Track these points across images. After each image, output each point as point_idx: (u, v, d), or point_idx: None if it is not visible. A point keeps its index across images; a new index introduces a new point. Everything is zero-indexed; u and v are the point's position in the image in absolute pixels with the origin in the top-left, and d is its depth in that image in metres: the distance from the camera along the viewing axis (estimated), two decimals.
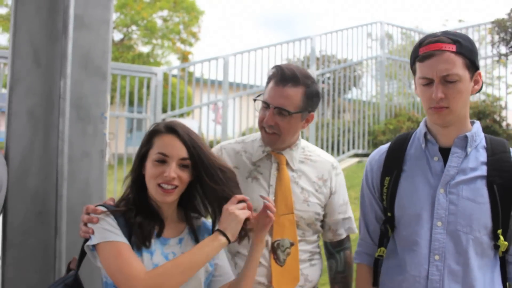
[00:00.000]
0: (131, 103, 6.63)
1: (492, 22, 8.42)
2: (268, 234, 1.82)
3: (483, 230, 1.57)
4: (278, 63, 8.07)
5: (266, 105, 1.84)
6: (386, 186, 1.71)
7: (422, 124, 1.73)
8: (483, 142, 1.65)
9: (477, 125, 1.68)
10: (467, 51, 1.56)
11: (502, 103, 8.65)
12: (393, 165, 1.72)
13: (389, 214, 1.72)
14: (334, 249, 2.01)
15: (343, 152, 8.18)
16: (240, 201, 1.56)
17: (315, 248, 1.97)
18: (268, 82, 1.87)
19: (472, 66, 1.58)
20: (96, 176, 2.03)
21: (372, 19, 11.77)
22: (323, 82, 8.95)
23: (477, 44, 10.06)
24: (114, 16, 15.58)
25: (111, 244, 1.45)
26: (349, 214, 2.01)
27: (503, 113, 8.32)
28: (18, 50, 1.93)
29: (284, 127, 1.82)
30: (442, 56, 1.54)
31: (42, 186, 1.94)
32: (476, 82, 1.62)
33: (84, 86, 2.03)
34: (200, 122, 7.05)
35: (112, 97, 10.16)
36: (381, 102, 8.99)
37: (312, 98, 1.85)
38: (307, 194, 1.89)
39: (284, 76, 1.81)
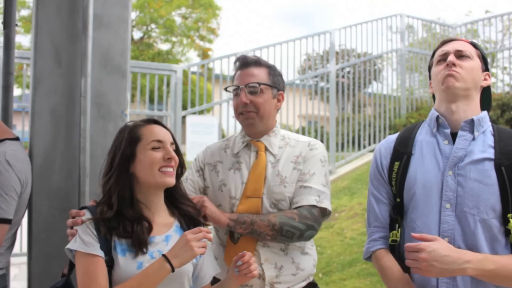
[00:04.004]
0: (151, 100, 6.69)
1: None
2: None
3: (491, 213, 1.56)
4: (298, 58, 7.96)
5: (236, 89, 1.94)
6: (395, 171, 1.73)
7: (432, 111, 1.77)
8: (490, 129, 1.69)
9: (485, 113, 1.72)
10: (480, 49, 1.77)
11: None
12: (403, 149, 1.74)
13: (398, 200, 1.71)
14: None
15: (364, 147, 8.11)
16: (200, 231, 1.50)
17: None
18: (234, 73, 2.00)
19: (484, 62, 1.75)
20: None
21: (392, 12, 11.58)
22: (343, 76, 8.88)
23: (500, 35, 9.85)
24: (133, 15, 15.74)
25: (85, 257, 1.47)
26: (310, 184, 1.87)
27: None
28: (39, 51, 1.97)
29: (259, 102, 1.90)
30: (459, 41, 1.76)
31: (65, 183, 1.99)
32: (485, 79, 1.76)
33: (104, 84, 2.06)
34: (220, 119, 7.07)
35: (133, 95, 10.28)
36: (402, 95, 8.87)
37: (276, 76, 1.98)
38: (286, 175, 1.91)
39: (246, 60, 1.97)
